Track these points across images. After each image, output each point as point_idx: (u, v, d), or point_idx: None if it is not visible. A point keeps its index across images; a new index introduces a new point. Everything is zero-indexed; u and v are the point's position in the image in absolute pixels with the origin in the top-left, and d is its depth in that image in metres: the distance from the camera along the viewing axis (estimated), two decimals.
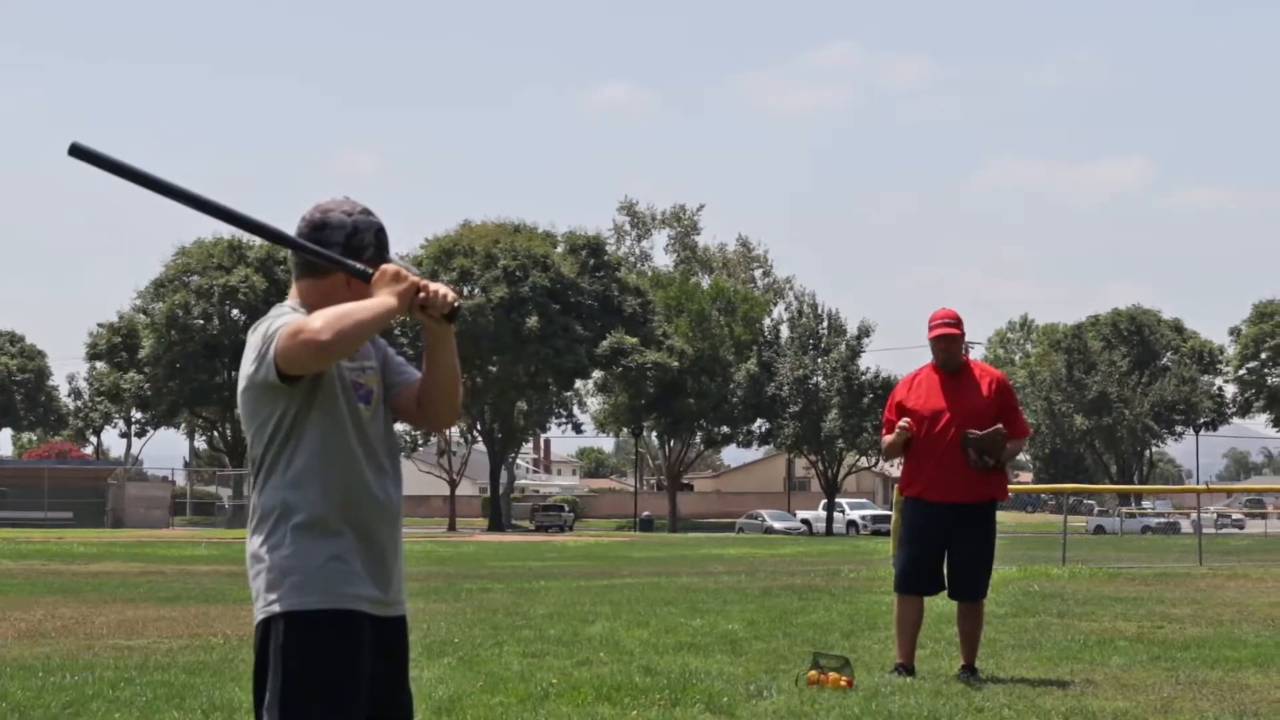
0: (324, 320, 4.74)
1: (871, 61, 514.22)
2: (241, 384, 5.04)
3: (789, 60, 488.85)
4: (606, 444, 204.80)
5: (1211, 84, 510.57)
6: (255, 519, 5.08)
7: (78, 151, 4.73)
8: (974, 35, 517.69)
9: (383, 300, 4.90)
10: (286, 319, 4.89)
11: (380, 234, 5.20)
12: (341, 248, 5.10)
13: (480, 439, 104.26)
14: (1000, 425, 11.81)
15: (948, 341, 12.09)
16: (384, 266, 4.97)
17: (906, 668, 11.89)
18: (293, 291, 5.22)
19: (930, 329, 12.15)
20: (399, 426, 6.38)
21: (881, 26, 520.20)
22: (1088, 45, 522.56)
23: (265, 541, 5.02)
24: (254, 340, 4.96)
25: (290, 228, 5.13)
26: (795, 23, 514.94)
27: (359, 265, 5.06)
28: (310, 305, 5.08)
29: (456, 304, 5.02)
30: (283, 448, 5.02)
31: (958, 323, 12.12)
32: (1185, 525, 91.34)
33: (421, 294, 4.97)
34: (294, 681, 4.92)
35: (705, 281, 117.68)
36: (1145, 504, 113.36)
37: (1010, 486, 12.44)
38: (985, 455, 11.75)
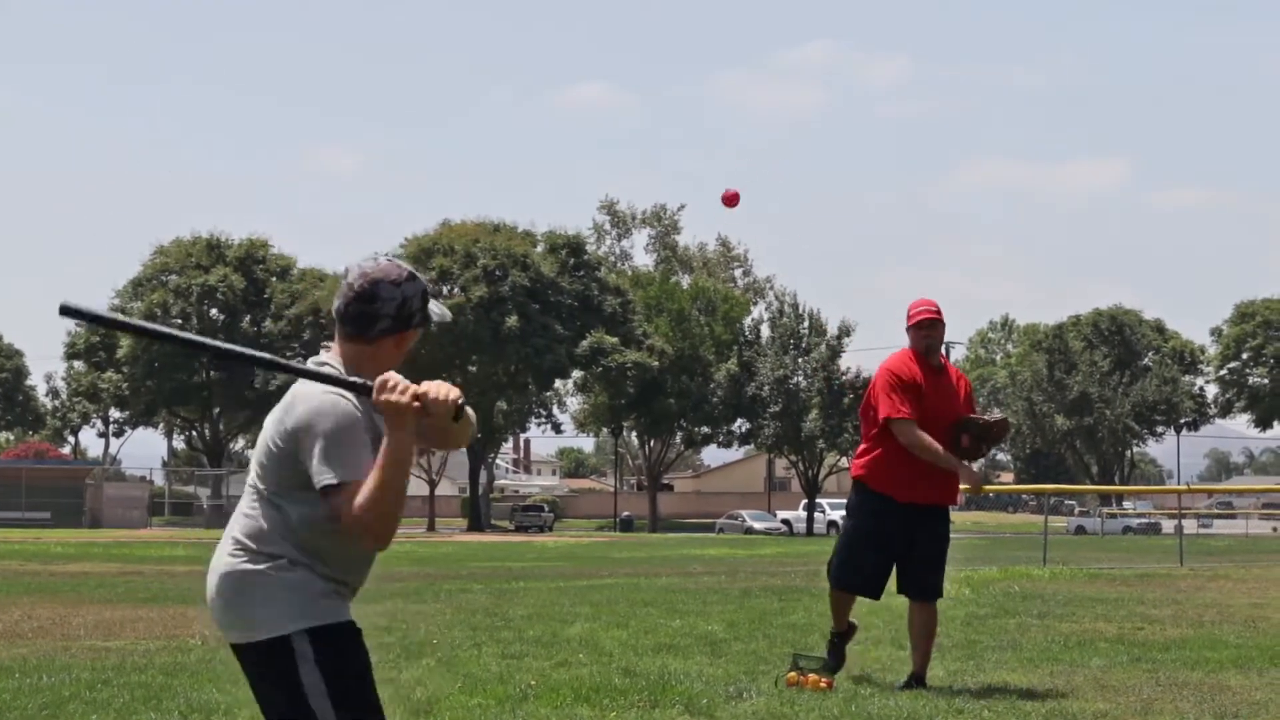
0: (376, 518, 4.77)
1: (850, 60, 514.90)
2: (275, 441, 5.01)
3: (767, 59, 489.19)
4: (586, 444, 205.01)
5: (1192, 84, 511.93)
6: (245, 542, 5.05)
7: (67, 311, 4.72)
8: (953, 35, 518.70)
9: (395, 449, 4.81)
10: (348, 476, 4.83)
11: (424, 296, 5.18)
12: (391, 320, 5.07)
13: None
14: (1005, 416, 11.63)
15: (930, 328, 11.67)
16: (378, 398, 4.82)
17: (846, 633, 11.94)
18: (335, 350, 5.16)
19: (911, 316, 11.71)
20: None
21: (860, 25, 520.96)
22: (1067, 45, 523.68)
23: (256, 565, 5.02)
24: (306, 426, 4.93)
25: (276, 227, 5.11)
26: (772, 21, 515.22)
27: (358, 381, 4.94)
28: (354, 366, 5.06)
29: (460, 402, 4.91)
30: (295, 502, 5.00)
31: (940, 311, 11.77)
32: (1166, 527, 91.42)
33: (418, 403, 4.84)
34: (339, 695, 4.98)
35: (685, 281, 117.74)
36: (1126, 504, 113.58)
37: (992, 487, 12.41)
38: (983, 444, 11.48)
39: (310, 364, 5.08)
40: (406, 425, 4.81)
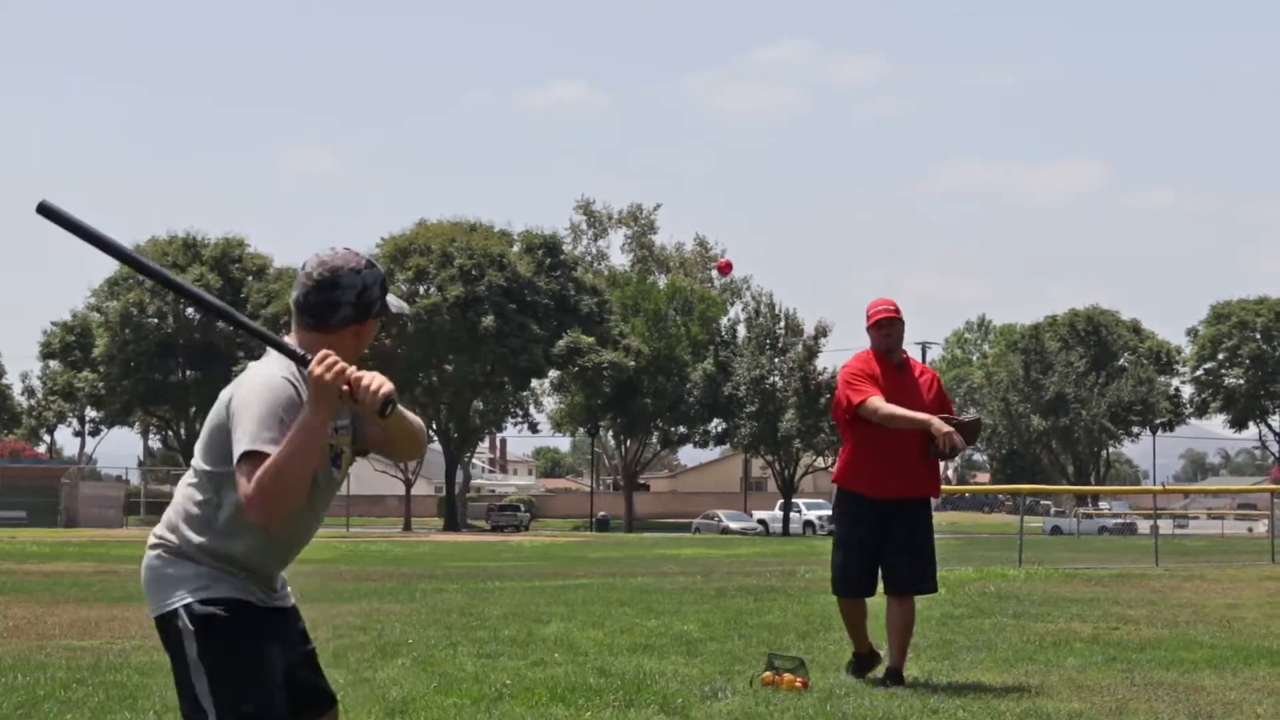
0: (260, 491, 4.66)
1: (824, 60, 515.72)
2: (219, 413, 4.97)
3: (740, 58, 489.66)
4: (563, 444, 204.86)
5: (1169, 86, 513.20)
6: (175, 526, 5.04)
7: (46, 211, 4.75)
8: (928, 35, 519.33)
9: (308, 422, 4.75)
10: (255, 445, 4.74)
11: (383, 285, 5.15)
12: (352, 308, 5.02)
13: (436, 438, 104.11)
14: (980, 416, 11.75)
15: (889, 326, 11.74)
16: (310, 368, 4.77)
17: (868, 656, 11.82)
18: (291, 338, 5.07)
19: (870, 316, 11.81)
20: None
21: (834, 25, 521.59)
22: (1044, 47, 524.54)
23: (170, 545, 5.03)
24: (242, 398, 4.87)
25: (252, 226, 5.07)
26: (746, 20, 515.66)
27: (300, 352, 4.89)
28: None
29: (390, 398, 4.81)
30: (229, 493, 4.94)
31: (898, 310, 11.83)
32: (1141, 527, 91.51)
33: (348, 389, 4.79)
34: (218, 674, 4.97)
35: (662, 281, 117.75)
36: (1102, 505, 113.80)
37: (968, 487, 12.35)
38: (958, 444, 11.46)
39: (261, 370, 4.98)
40: (326, 404, 4.75)
